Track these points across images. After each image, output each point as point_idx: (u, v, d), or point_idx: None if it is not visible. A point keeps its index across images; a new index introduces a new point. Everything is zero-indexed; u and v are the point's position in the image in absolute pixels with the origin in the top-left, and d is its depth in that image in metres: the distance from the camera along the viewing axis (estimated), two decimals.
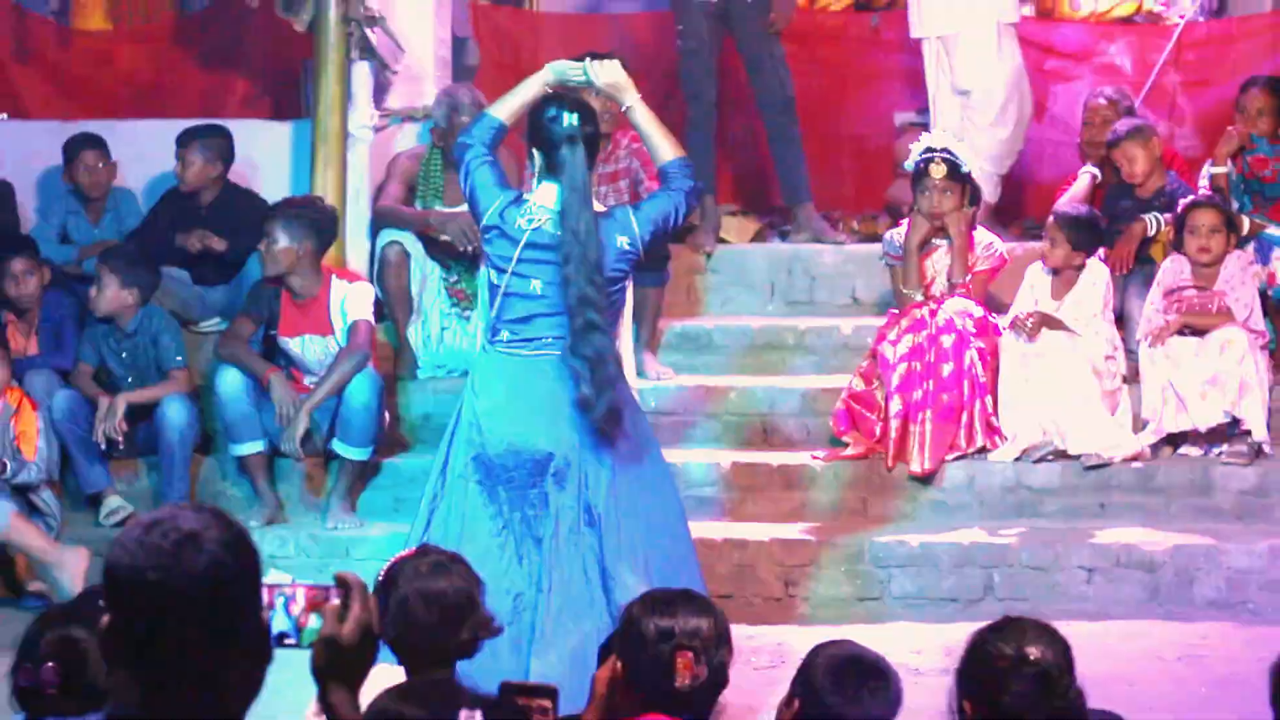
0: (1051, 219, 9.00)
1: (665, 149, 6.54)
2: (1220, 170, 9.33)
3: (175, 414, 8.73)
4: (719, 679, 4.18)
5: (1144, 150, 9.31)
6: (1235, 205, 9.17)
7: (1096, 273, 8.81)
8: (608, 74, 6.59)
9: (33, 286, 9.18)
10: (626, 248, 6.38)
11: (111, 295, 8.91)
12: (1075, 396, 8.54)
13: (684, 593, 4.37)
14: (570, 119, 6.37)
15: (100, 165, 9.88)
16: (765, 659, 7.30)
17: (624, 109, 6.62)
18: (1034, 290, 8.89)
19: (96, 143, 9.90)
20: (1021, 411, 8.60)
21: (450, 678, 4.54)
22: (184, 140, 9.66)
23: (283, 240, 8.62)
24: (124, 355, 8.99)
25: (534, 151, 6.52)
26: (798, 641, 7.14)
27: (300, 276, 8.69)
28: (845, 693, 4.08)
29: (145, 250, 9.29)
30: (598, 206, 6.58)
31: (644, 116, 6.57)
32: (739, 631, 6.05)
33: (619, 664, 4.20)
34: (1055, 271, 8.86)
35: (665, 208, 6.46)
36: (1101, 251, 8.98)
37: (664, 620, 4.16)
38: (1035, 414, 8.58)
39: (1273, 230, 9.23)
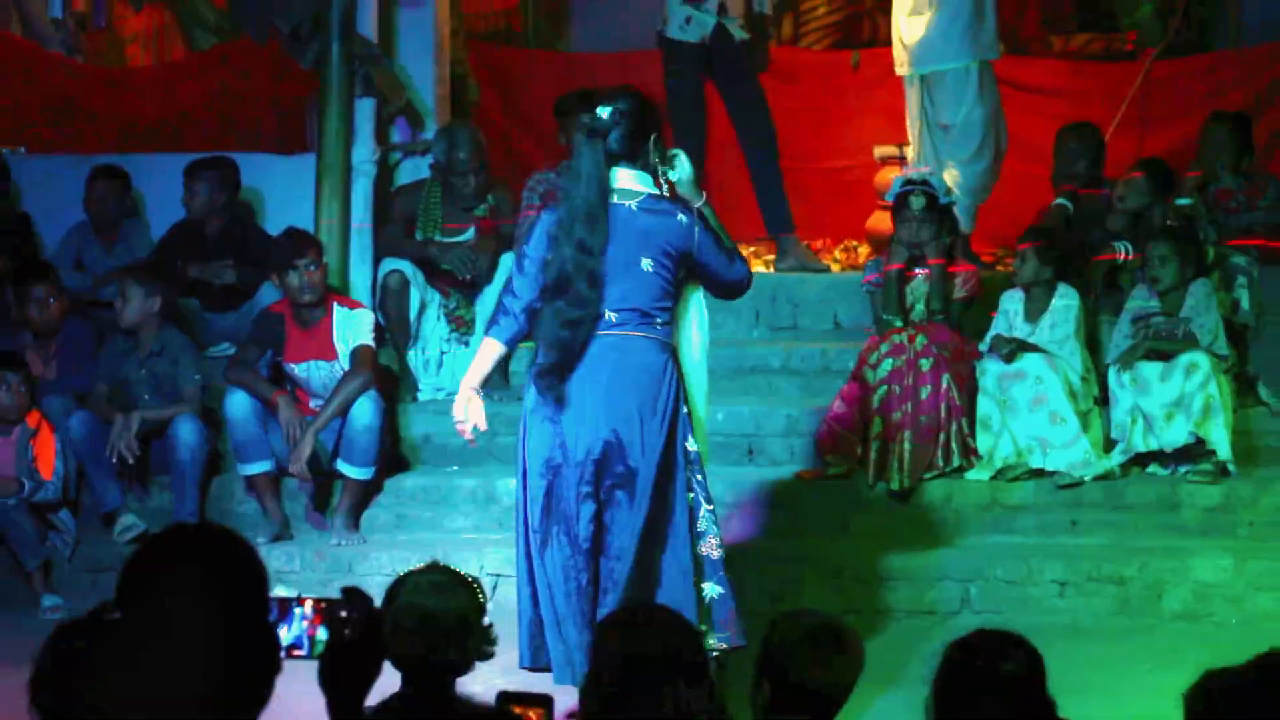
0: (1020, 239, 9.02)
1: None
2: (1186, 202, 9.35)
3: (186, 434, 8.74)
4: (702, 694, 4.13)
5: (1156, 195, 9.29)
6: (1202, 236, 9.19)
7: (1068, 296, 8.83)
8: (683, 170, 6.50)
9: (54, 312, 9.20)
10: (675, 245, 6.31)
11: (137, 305, 8.92)
12: (1054, 414, 8.55)
13: (658, 611, 4.28)
14: (599, 112, 6.32)
15: (114, 196, 9.89)
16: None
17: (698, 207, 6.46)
18: (1008, 315, 8.91)
19: (114, 174, 9.92)
20: (998, 432, 8.62)
21: (444, 691, 4.51)
22: (191, 171, 9.70)
23: (317, 270, 8.69)
24: (144, 373, 8.99)
25: None
26: None
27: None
28: (813, 662, 4.06)
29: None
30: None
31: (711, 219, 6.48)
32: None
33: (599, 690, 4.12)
34: (1027, 293, 8.88)
35: (715, 256, 6.40)
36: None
37: (642, 645, 4.08)
38: (1013, 433, 8.59)
39: (1237, 259, 9.25)
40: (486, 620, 4.68)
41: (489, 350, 6.54)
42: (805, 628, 4.18)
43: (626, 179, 6.34)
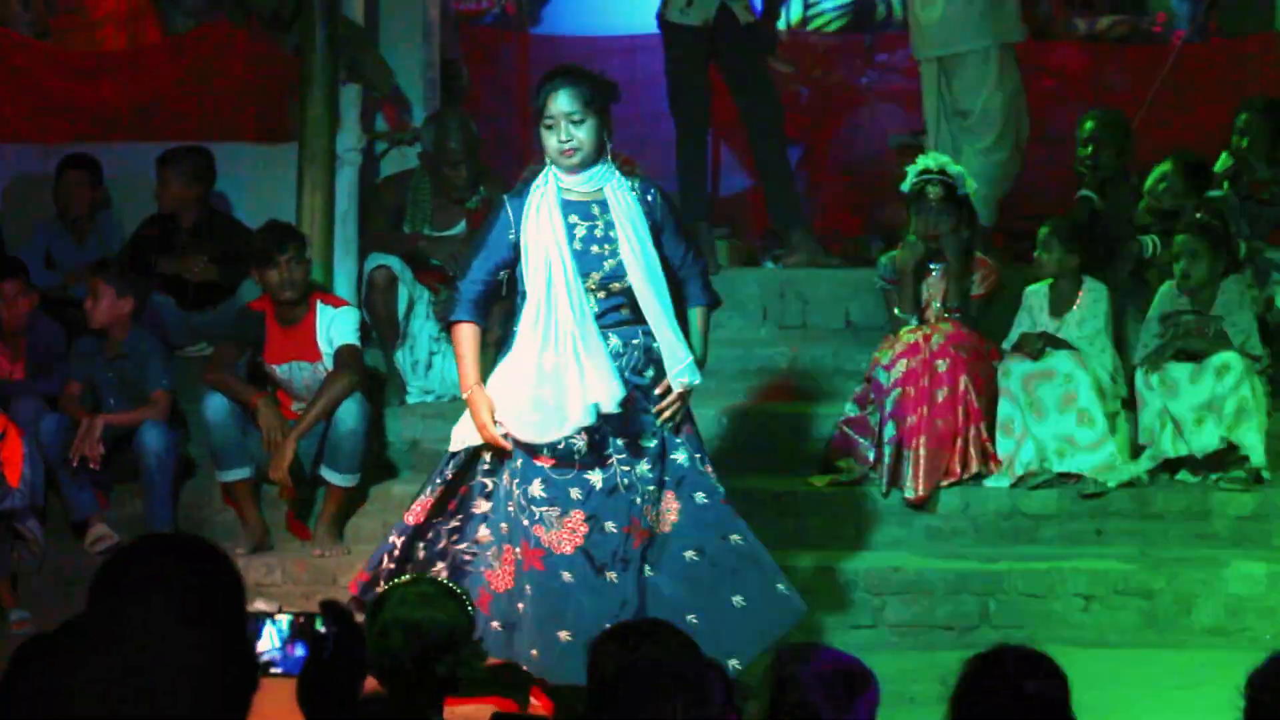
0: (1042, 229, 9.00)
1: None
2: (1217, 194, 9.34)
3: (152, 441, 8.72)
4: (707, 708, 4.11)
5: (1191, 193, 9.28)
6: (1234, 230, 9.18)
7: (1097, 290, 8.83)
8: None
9: (23, 309, 9.18)
10: None
11: (107, 305, 8.91)
12: (1082, 414, 8.54)
13: (654, 624, 4.27)
14: None
15: (85, 187, 9.88)
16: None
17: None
18: (1032, 311, 8.90)
19: (83, 164, 9.91)
20: (1022, 437, 8.60)
21: (432, 706, 4.50)
22: (163, 161, 9.70)
23: (299, 266, 8.67)
24: (111, 376, 8.99)
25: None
26: None
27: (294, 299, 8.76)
28: (840, 707, 4.06)
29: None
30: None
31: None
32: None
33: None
34: (1052, 288, 8.87)
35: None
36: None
37: (641, 661, 4.05)
38: (1038, 437, 8.57)
39: (1271, 253, 9.24)
40: (476, 634, 4.68)
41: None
42: (832, 667, 4.18)
43: None
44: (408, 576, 4.81)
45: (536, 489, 6.62)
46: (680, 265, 6.85)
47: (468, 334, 6.82)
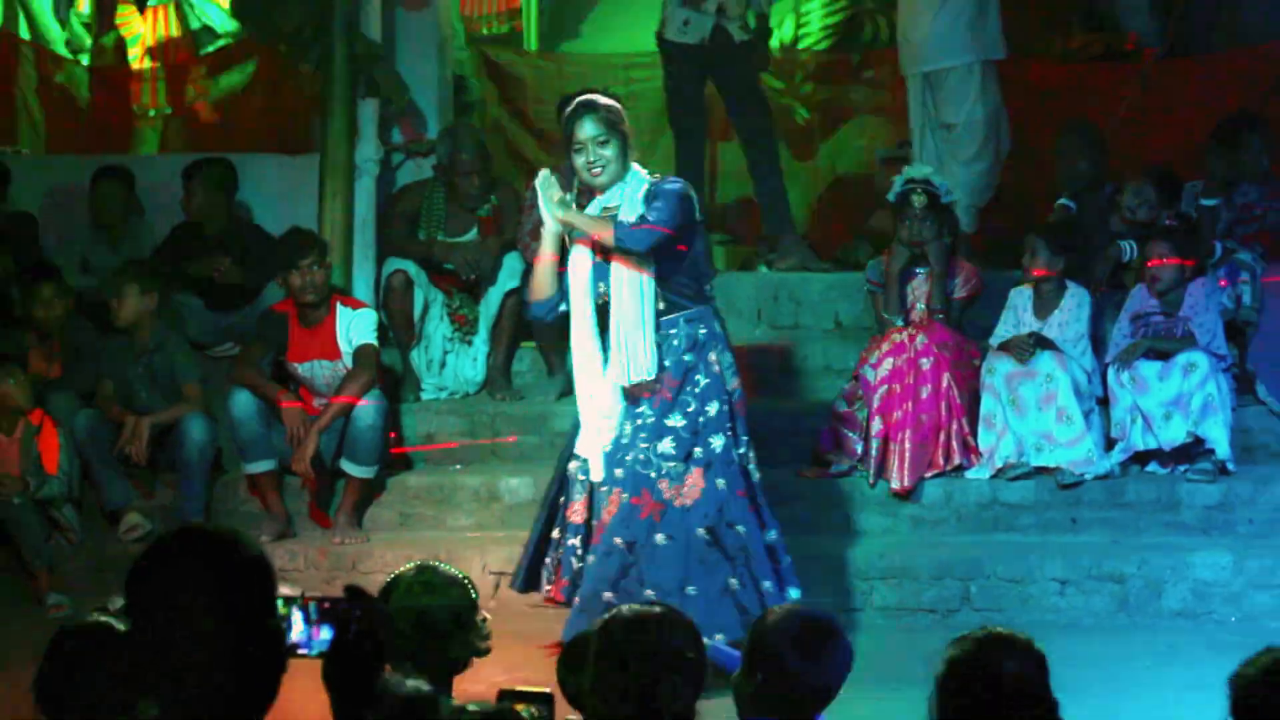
0: (1029, 234, 9.00)
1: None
2: (1211, 203, 9.31)
3: (197, 431, 8.75)
4: (697, 690, 4.10)
5: (1165, 205, 9.26)
6: (1226, 232, 9.18)
7: (1080, 295, 8.82)
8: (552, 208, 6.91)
9: (59, 311, 9.20)
10: None
11: (132, 304, 8.92)
12: (1061, 412, 8.54)
13: (657, 608, 4.26)
14: None
15: (118, 196, 9.90)
16: None
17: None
18: (1017, 311, 8.90)
19: (117, 174, 9.93)
20: (1003, 431, 8.60)
21: (443, 689, 4.48)
22: (188, 172, 9.72)
23: (320, 270, 8.67)
24: (142, 371, 8.99)
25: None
26: None
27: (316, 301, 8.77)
28: (808, 658, 4.04)
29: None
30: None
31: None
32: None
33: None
34: (1037, 291, 8.86)
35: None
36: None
37: (643, 642, 4.04)
38: (1018, 432, 8.57)
39: (1243, 254, 9.22)
40: (480, 616, 4.68)
41: None
42: (802, 619, 4.17)
43: None
44: (411, 565, 4.79)
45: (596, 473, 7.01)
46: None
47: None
